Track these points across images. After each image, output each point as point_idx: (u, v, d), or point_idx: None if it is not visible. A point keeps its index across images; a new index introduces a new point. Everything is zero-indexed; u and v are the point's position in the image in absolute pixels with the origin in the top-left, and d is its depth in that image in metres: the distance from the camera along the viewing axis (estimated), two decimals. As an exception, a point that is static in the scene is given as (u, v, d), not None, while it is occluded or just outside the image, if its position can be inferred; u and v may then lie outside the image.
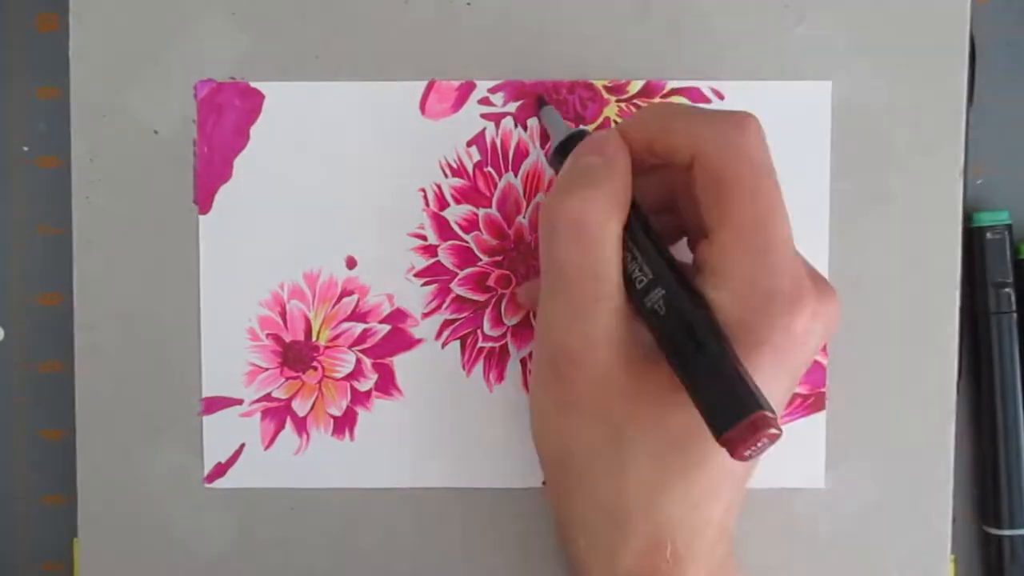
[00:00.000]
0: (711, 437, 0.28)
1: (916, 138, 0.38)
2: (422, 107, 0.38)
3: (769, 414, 0.28)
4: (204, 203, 0.39)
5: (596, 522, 0.32)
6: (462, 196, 0.39)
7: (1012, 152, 0.42)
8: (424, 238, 0.39)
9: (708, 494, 0.31)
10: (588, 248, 0.31)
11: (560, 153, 0.35)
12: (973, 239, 0.41)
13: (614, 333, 0.31)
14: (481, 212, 0.39)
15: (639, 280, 0.31)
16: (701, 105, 0.38)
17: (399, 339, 0.39)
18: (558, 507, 0.34)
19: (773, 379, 0.31)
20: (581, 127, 0.36)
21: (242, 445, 0.39)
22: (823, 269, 0.38)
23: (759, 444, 0.28)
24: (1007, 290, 0.41)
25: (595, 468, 0.32)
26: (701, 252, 0.32)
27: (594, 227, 0.31)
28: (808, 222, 0.38)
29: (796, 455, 0.39)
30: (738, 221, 0.31)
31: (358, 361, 0.39)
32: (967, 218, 0.42)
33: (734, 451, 0.28)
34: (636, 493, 0.31)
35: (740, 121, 0.31)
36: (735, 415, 0.28)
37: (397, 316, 0.39)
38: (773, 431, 0.28)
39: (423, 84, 0.38)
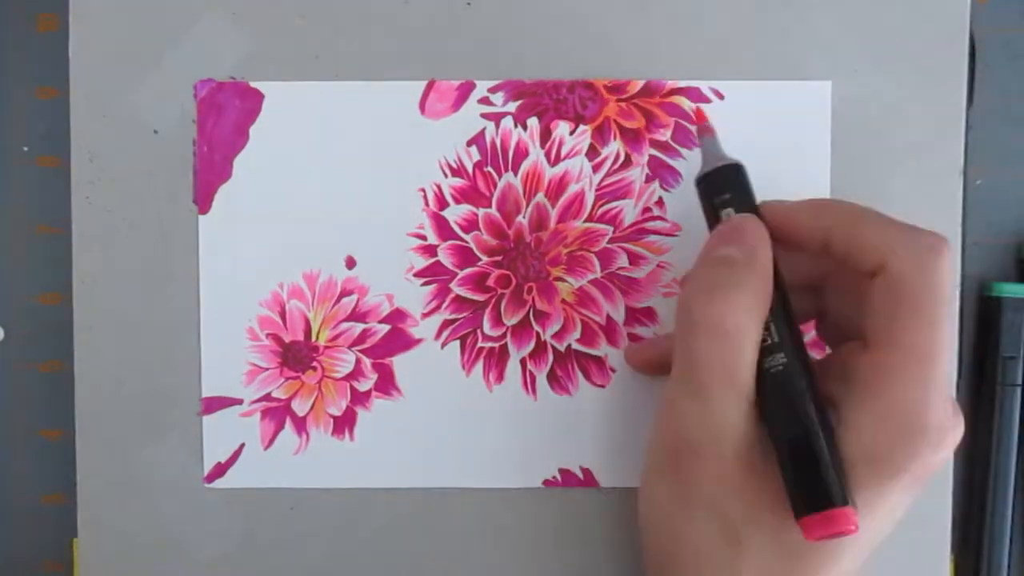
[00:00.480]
0: (822, 551, 0.30)
1: (916, 138, 0.38)
2: (422, 107, 0.38)
3: (852, 512, 0.29)
4: (204, 203, 0.39)
5: None
6: (462, 196, 0.39)
7: (1012, 152, 0.42)
8: (424, 238, 0.39)
9: None
10: (728, 351, 0.31)
11: (707, 182, 0.34)
12: (989, 308, 0.42)
13: (742, 430, 0.31)
14: (481, 212, 0.39)
15: (764, 340, 0.31)
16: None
17: (399, 339, 0.39)
18: None
19: (900, 504, 0.31)
20: (737, 161, 0.34)
21: (242, 445, 0.39)
22: (823, 269, 0.38)
23: (834, 535, 0.29)
24: (1016, 362, 0.41)
25: (706, 565, 0.32)
26: (855, 362, 0.31)
27: (735, 331, 0.31)
28: (808, 222, 0.38)
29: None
30: (910, 347, 0.30)
31: (358, 361, 0.39)
32: (983, 286, 0.42)
33: (807, 534, 0.29)
34: None
35: (937, 245, 0.31)
36: (819, 504, 0.29)
37: (397, 316, 0.39)
38: (851, 528, 0.29)
39: (423, 84, 0.38)
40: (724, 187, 0.34)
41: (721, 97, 0.38)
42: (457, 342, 0.39)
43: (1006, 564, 0.41)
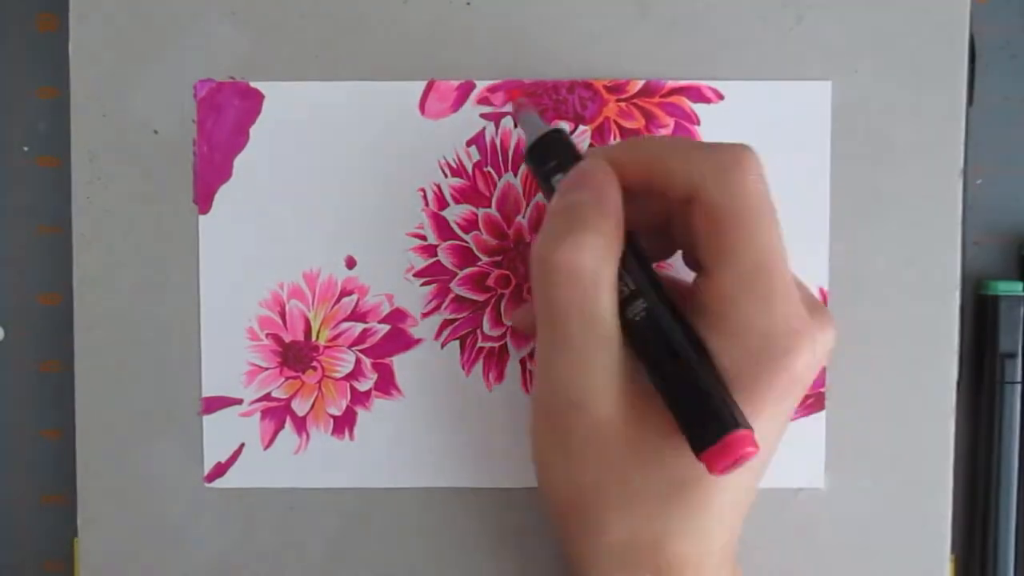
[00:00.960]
0: (711, 477, 0.29)
1: (916, 138, 0.38)
2: (421, 107, 0.38)
3: (747, 432, 0.29)
4: (204, 203, 0.39)
5: (607, 560, 0.32)
6: (461, 196, 0.39)
7: (1012, 152, 0.42)
8: (423, 238, 0.39)
9: (713, 526, 0.32)
10: (585, 295, 0.30)
11: (533, 154, 0.34)
12: (987, 306, 0.42)
13: (614, 378, 0.31)
14: (481, 212, 0.39)
15: (623, 291, 0.31)
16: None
17: (399, 339, 0.39)
18: (569, 548, 0.34)
19: (773, 419, 0.31)
20: (556, 125, 0.35)
21: (242, 445, 0.39)
22: (823, 269, 0.38)
23: (737, 462, 0.29)
24: (1015, 360, 0.41)
25: (603, 509, 0.32)
26: (700, 290, 0.32)
27: (589, 273, 0.30)
28: (808, 222, 0.38)
29: (795, 455, 0.39)
30: (738, 264, 0.30)
31: (358, 361, 0.39)
32: (979, 285, 0.42)
33: (712, 468, 0.29)
34: (644, 532, 0.31)
35: (738, 157, 0.31)
36: (715, 434, 0.29)
37: (396, 316, 0.39)
38: (750, 450, 0.29)
39: (422, 84, 0.38)
40: (550, 154, 0.34)
41: (721, 97, 0.38)
42: (457, 342, 0.39)
43: (1012, 563, 0.41)
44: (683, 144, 0.32)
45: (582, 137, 0.38)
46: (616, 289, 0.31)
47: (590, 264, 0.30)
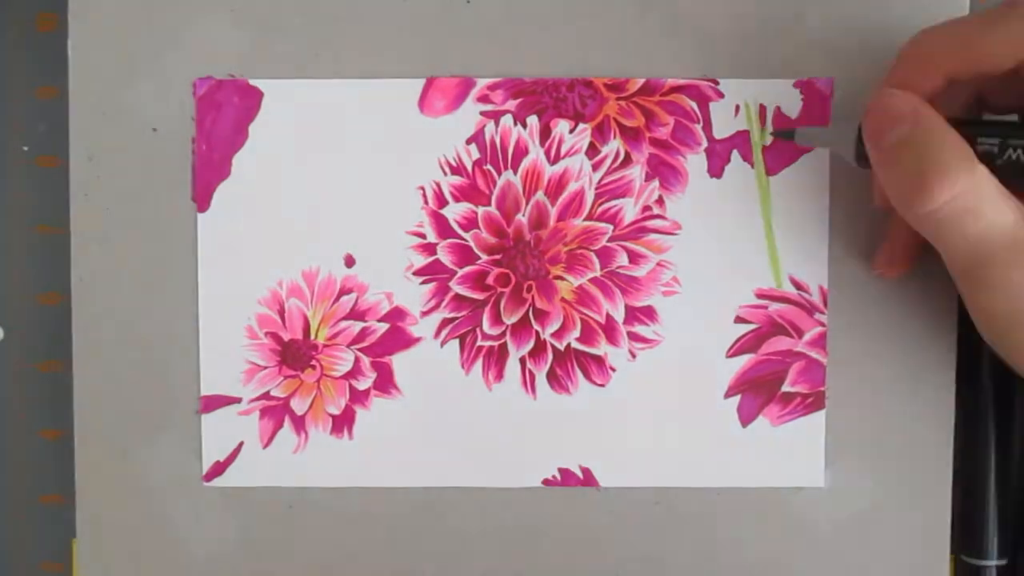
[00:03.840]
0: None
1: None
2: (421, 105, 0.38)
3: None
4: (203, 201, 0.39)
5: None
6: (461, 194, 0.39)
7: (1012, 151, 0.42)
8: (423, 236, 0.39)
9: None
10: (983, 221, 0.31)
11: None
12: None
13: None
14: (480, 210, 0.39)
15: (991, 149, 0.32)
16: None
17: (398, 337, 0.39)
18: None
19: None
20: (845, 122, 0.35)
21: (240, 444, 0.39)
22: (823, 269, 0.38)
23: None
24: None
25: None
26: None
27: (972, 202, 0.31)
28: (808, 220, 0.38)
29: (795, 454, 0.39)
30: None
31: (357, 359, 0.39)
32: None
33: None
34: None
35: None
36: None
37: (396, 314, 0.39)
38: None
39: (422, 81, 0.38)
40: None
41: (721, 96, 0.38)
42: (456, 341, 0.39)
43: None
44: (977, 20, 0.32)
45: (582, 135, 0.38)
46: (991, 175, 0.31)
47: (968, 200, 0.31)
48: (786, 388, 0.39)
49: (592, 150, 0.38)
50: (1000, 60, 0.32)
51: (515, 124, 0.38)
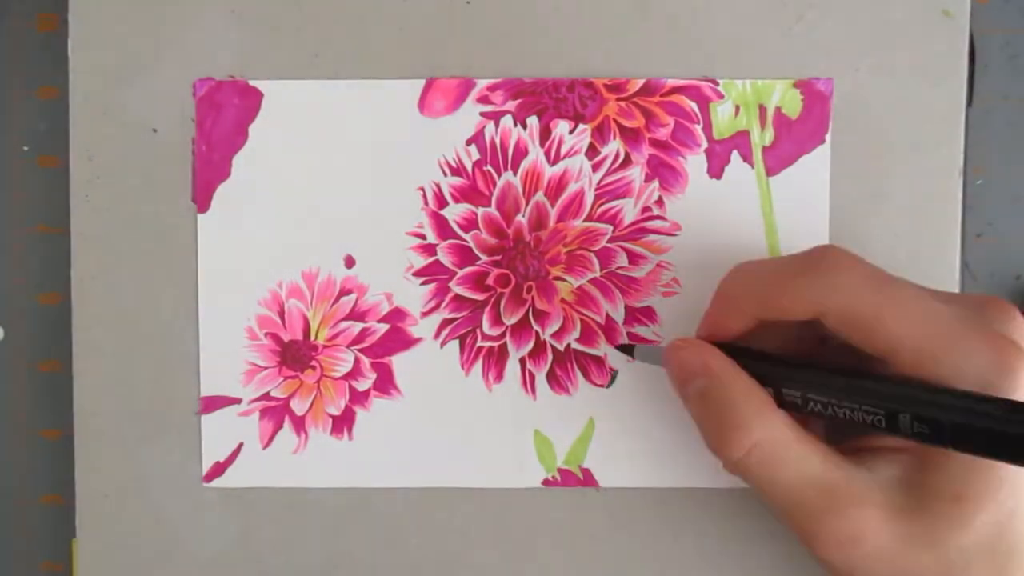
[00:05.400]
0: None
1: (916, 138, 0.38)
2: (421, 105, 0.38)
3: None
4: (203, 202, 0.39)
5: None
6: (461, 195, 0.39)
7: (1012, 152, 0.42)
8: (423, 237, 0.39)
9: None
10: (787, 470, 0.31)
11: None
12: None
13: (864, 503, 0.31)
14: (480, 211, 0.39)
15: (796, 402, 0.32)
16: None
17: (398, 338, 0.39)
18: None
19: None
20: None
21: (240, 444, 0.39)
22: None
23: None
24: None
25: None
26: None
27: (774, 451, 0.31)
28: (808, 221, 0.38)
29: (796, 455, 0.39)
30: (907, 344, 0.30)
31: (357, 360, 0.39)
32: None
33: None
34: None
35: (833, 264, 0.31)
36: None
37: (396, 315, 0.39)
38: None
39: (422, 82, 0.38)
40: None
41: (720, 96, 0.38)
42: (456, 341, 0.39)
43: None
44: (769, 271, 0.33)
45: (582, 136, 0.38)
46: (799, 434, 0.32)
47: (768, 449, 0.31)
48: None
49: (592, 151, 0.38)
50: (796, 313, 0.32)
51: (515, 125, 0.38)
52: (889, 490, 0.31)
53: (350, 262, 0.39)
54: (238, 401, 0.39)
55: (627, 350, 0.38)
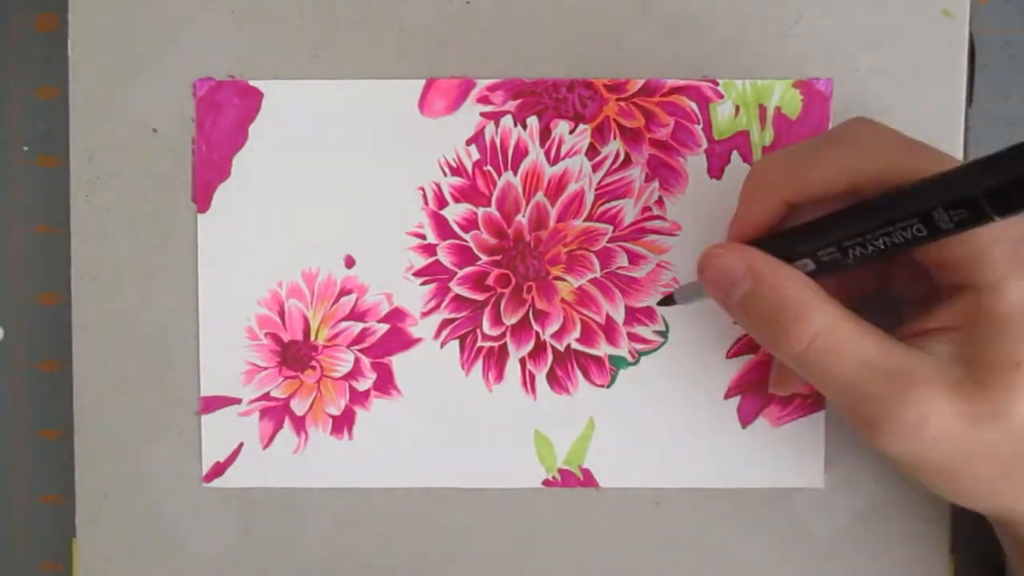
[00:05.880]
0: None
1: (916, 138, 0.38)
2: (421, 105, 0.38)
3: None
4: (203, 202, 0.39)
5: None
6: (461, 195, 0.39)
7: (1012, 152, 0.42)
8: (423, 237, 0.39)
9: None
10: (850, 357, 0.31)
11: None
12: None
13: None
14: (480, 211, 0.39)
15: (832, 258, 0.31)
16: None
17: (398, 338, 0.39)
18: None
19: None
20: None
21: (240, 444, 0.39)
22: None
23: None
24: None
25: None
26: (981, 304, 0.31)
27: (836, 339, 0.31)
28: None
29: (795, 455, 0.39)
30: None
31: (357, 360, 0.39)
32: None
33: None
34: None
35: (865, 132, 0.32)
36: None
37: (396, 315, 0.39)
38: None
39: (422, 82, 0.38)
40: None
41: (720, 96, 0.38)
42: (456, 341, 0.39)
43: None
44: (797, 150, 0.33)
45: (582, 136, 0.38)
46: (849, 317, 0.31)
47: (826, 324, 0.31)
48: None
49: (592, 151, 0.38)
50: (831, 185, 0.32)
51: (515, 125, 0.38)
52: (947, 368, 0.30)
53: (350, 262, 0.39)
54: (238, 401, 0.39)
55: (667, 302, 0.38)
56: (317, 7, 0.38)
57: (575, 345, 0.39)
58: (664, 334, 0.39)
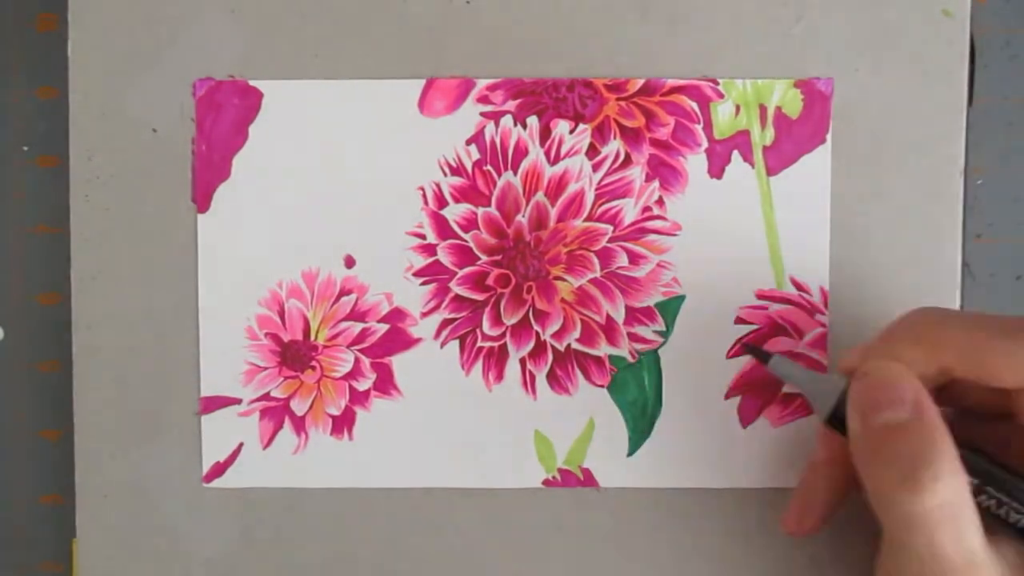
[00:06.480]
0: None
1: (917, 137, 0.38)
2: (421, 105, 0.38)
3: None
4: (203, 202, 0.39)
5: None
6: (461, 195, 0.39)
7: (1012, 152, 0.42)
8: (423, 237, 0.39)
9: None
10: (955, 539, 0.29)
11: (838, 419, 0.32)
12: None
13: None
14: (480, 211, 0.39)
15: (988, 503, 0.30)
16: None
17: (398, 338, 0.39)
18: None
19: None
20: (827, 374, 0.34)
21: (240, 445, 0.39)
22: (824, 270, 0.38)
23: None
24: None
25: None
26: None
27: (952, 515, 0.28)
28: (809, 221, 0.38)
29: (795, 455, 0.39)
30: None
31: (357, 360, 0.39)
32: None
33: None
34: None
35: None
36: None
37: (396, 315, 0.39)
38: None
39: (422, 82, 0.38)
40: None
41: (721, 96, 0.38)
42: (456, 341, 0.39)
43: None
44: (1002, 335, 0.30)
45: (582, 136, 0.38)
46: (976, 508, 0.29)
47: (949, 507, 0.29)
48: (787, 389, 0.39)
49: (592, 151, 0.38)
50: (1008, 378, 0.30)
51: (515, 125, 0.38)
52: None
53: (350, 262, 0.39)
54: (238, 401, 0.39)
55: (756, 353, 0.36)
56: (317, 7, 0.38)
57: (575, 345, 0.39)
58: (664, 334, 0.39)
